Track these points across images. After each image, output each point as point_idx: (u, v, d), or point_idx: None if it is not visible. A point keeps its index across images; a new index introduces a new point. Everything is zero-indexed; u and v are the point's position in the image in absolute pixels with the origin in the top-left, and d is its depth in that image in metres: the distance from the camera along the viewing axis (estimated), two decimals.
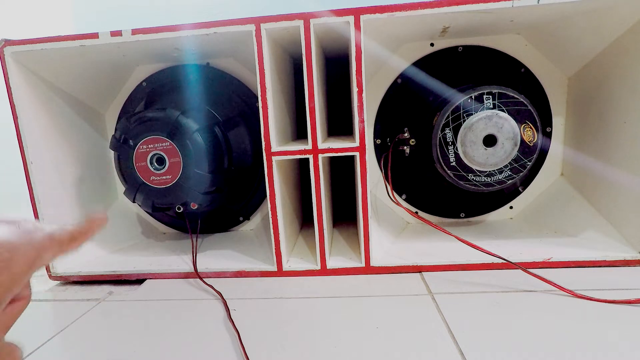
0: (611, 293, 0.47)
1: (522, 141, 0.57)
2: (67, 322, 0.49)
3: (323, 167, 0.58)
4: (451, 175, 0.59)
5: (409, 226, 0.75)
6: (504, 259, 0.52)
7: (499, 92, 0.56)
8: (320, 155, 0.55)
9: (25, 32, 0.61)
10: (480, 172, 0.58)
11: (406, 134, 0.67)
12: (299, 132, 0.77)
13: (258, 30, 0.52)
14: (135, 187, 0.62)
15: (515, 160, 0.57)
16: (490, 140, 0.57)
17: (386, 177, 0.66)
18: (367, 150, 0.54)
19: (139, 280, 0.62)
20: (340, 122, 0.80)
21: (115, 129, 0.62)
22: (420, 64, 0.70)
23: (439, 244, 0.63)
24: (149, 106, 0.71)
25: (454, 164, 0.59)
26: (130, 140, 0.60)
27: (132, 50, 0.62)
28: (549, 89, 0.69)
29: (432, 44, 0.69)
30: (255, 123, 0.68)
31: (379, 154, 0.73)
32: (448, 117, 0.57)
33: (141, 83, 0.75)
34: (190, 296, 0.55)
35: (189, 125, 0.59)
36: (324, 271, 0.58)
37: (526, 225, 0.70)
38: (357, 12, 0.51)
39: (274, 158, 0.55)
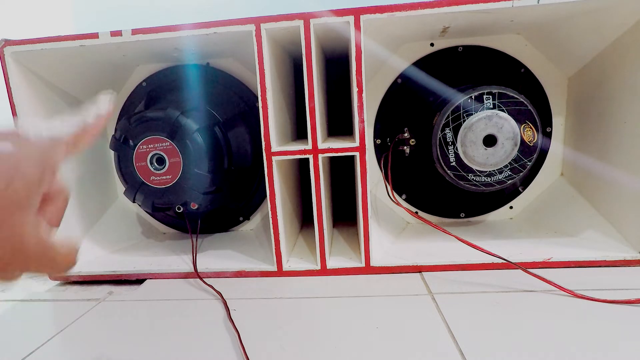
0: (611, 293, 0.47)
1: (522, 141, 0.56)
2: (67, 322, 0.49)
3: (323, 167, 0.58)
4: (451, 175, 0.59)
5: (409, 226, 0.75)
6: (504, 259, 0.52)
7: (499, 92, 0.56)
8: (320, 155, 0.55)
9: (25, 32, 0.61)
10: (480, 172, 0.58)
11: (406, 134, 0.67)
12: (299, 132, 0.77)
13: (258, 30, 0.52)
14: (135, 187, 0.62)
15: (515, 160, 0.57)
16: (490, 140, 0.57)
17: (386, 177, 0.66)
18: (367, 150, 0.54)
19: (139, 280, 0.62)
20: (340, 122, 0.80)
21: (115, 129, 0.62)
22: (420, 64, 0.70)
23: (439, 244, 0.63)
24: (149, 106, 0.70)
25: (454, 164, 0.59)
26: (130, 140, 0.60)
27: (132, 50, 0.62)
28: (549, 89, 0.69)
29: (432, 44, 0.69)
30: (255, 123, 0.68)
31: (379, 154, 0.73)
32: (448, 117, 0.57)
33: (141, 83, 0.75)
34: (190, 296, 0.55)
35: (189, 125, 0.59)
36: (324, 271, 0.58)
37: (526, 225, 0.70)
38: (357, 12, 0.51)
39: (274, 158, 0.55)
